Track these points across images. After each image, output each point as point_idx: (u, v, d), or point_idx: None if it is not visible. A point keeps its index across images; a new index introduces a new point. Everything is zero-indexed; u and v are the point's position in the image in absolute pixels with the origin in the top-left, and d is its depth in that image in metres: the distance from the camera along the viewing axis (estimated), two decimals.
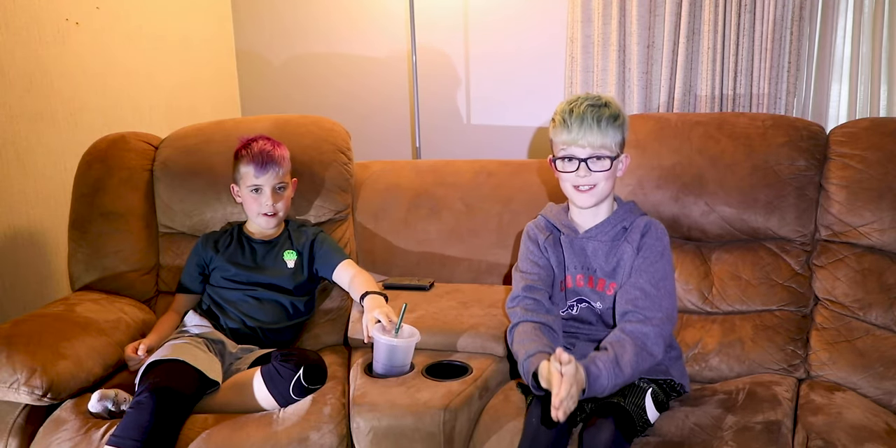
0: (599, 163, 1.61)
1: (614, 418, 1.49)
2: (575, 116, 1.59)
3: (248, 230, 2.04)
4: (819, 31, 2.59)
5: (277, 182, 1.96)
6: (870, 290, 1.89)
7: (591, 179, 1.61)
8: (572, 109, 1.60)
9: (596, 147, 1.59)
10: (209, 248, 2.00)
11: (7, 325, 1.77)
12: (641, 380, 1.65)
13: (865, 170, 1.96)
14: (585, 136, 1.58)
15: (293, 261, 2.00)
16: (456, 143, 3.11)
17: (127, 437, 1.52)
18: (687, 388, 1.76)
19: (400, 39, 3.08)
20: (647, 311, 1.58)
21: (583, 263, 1.71)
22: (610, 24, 2.66)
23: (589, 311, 1.72)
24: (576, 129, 1.58)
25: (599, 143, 1.59)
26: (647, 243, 1.65)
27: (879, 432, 1.53)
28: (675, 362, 1.75)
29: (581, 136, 1.58)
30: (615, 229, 1.69)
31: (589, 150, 1.60)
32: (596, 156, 1.60)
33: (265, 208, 1.95)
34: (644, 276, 1.62)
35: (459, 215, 2.24)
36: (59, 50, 2.39)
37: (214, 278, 1.98)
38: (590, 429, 1.50)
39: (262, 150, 1.95)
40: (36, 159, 2.34)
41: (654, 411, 1.60)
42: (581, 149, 1.60)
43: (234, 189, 2.02)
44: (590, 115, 1.58)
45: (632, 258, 1.66)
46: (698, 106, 2.62)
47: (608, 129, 1.59)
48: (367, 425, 1.61)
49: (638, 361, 1.53)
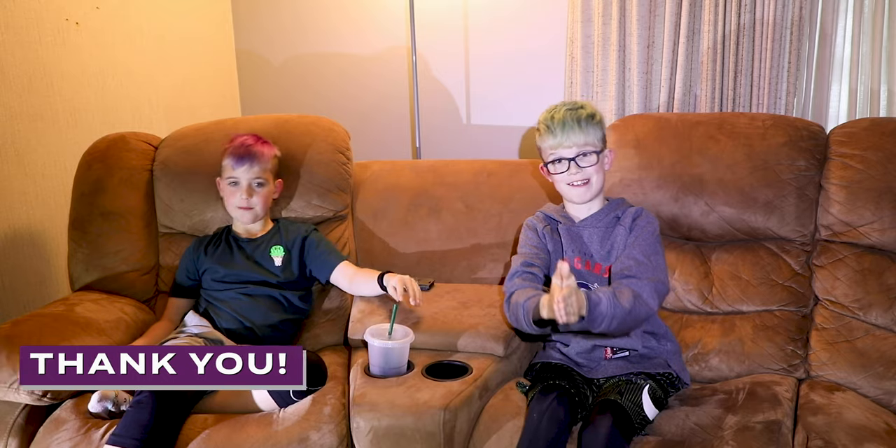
0: (587, 159, 1.75)
1: (613, 416, 1.51)
2: (557, 121, 1.73)
3: (236, 231, 2.05)
4: (819, 32, 2.59)
5: (254, 177, 1.96)
6: (870, 290, 1.89)
7: (582, 175, 1.75)
8: (553, 116, 1.75)
9: (581, 145, 1.74)
10: (200, 251, 2.02)
11: (7, 325, 1.77)
12: (639, 376, 1.68)
13: (865, 170, 1.96)
14: (569, 136, 1.73)
15: (280, 257, 2.00)
16: (456, 143, 3.11)
17: (127, 436, 1.52)
18: (687, 382, 1.79)
19: (400, 39, 3.08)
20: (640, 274, 1.67)
21: (580, 249, 1.81)
22: (610, 24, 2.66)
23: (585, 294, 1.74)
24: (559, 132, 1.73)
25: (583, 142, 1.73)
26: (638, 224, 1.78)
27: (879, 432, 1.53)
28: (674, 356, 1.78)
29: (566, 138, 1.73)
30: (608, 217, 1.82)
31: (575, 149, 1.74)
32: (582, 153, 1.74)
33: (240, 201, 1.97)
34: (636, 249, 1.72)
35: (459, 215, 2.24)
36: (59, 50, 2.39)
37: (206, 282, 1.99)
38: (588, 427, 1.52)
39: (242, 143, 1.98)
40: (36, 159, 2.34)
41: (653, 408, 1.61)
42: (568, 149, 1.74)
43: (219, 182, 2.03)
44: (570, 117, 1.73)
45: (625, 239, 1.77)
46: (698, 106, 2.62)
47: (588, 127, 1.74)
48: (367, 425, 1.61)
49: (635, 305, 1.58)
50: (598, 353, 1.77)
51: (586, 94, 2.75)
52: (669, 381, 1.74)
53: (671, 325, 1.95)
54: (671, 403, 1.73)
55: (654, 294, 1.63)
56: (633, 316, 1.59)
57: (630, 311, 1.57)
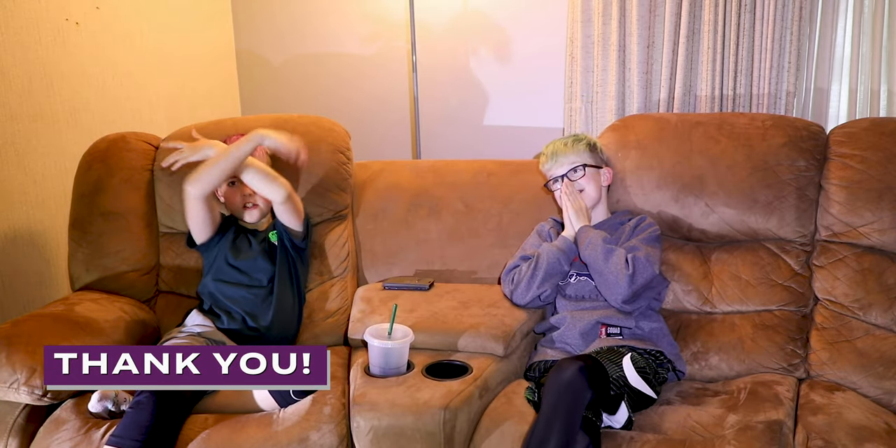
0: (576, 173, 2.02)
1: (584, 363, 1.52)
2: (549, 149, 2.07)
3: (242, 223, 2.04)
4: (819, 31, 2.59)
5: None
6: (870, 290, 1.89)
7: (576, 186, 2.02)
8: (548, 147, 2.08)
9: (569, 163, 2.03)
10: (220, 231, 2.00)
11: (7, 325, 1.77)
12: (624, 347, 1.75)
13: (865, 170, 1.96)
14: (558, 158, 2.04)
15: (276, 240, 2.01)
16: (456, 143, 3.11)
17: (127, 436, 1.52)
18: (683, 370, 1.85)
19: (400, 39, 3.08)
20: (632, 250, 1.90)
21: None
22: (610, 24, 2.66)
23: (586, 284, 1.94)
24: (551, 156, 2.05)
25: (571, 160, 2.03)
26: (641, 228, 1.99)
27: (879, 432, 1.53)
28: (662, 337, 1.86)
29: (555, 160, 2.04)
30: (613, 223, 2.04)
31: (566, 166, 2.03)
32: (572, 169, 2.02)
33: (243, 200, 1.97)
34: (635, 240, 1.93)
35: (459, 215, 2.24)
36: (59, 50, 2.39)
37: (214, 275, 1.98)
38: (554, 368, 1.55)
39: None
40: (36, 159, 2.34)
41: (636, 376, 1.63)
42: (560, 167, 2.04)
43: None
44: (559, 142, 2.07)
45: (627, 238, 1.96)
46: (698, 106, 2.62)
47: (573, 146, 2.05)
48: (368, 425, 1.61)
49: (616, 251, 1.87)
50: (594, 332, 1.85)
51: (586, 94, 2.75)
52: (659, 361, 1.79)
53: (671, 325, 1.96)
54: (672, 400, 1.73)
55: (633, 260, 1.85)
56: (611, 258, 1.85)
57: (610, 250, 1.87)
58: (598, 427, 1.52)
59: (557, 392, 1.48)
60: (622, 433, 1.58)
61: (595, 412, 1.53)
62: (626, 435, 1.57)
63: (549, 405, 1.48)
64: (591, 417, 1.50)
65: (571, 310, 1.91)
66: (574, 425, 1.46)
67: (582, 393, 1.48)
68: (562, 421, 1.45)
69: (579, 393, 1.48)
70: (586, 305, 1.91)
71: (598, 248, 1.88)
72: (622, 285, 1.83)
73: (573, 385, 1.48)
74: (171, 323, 2.03)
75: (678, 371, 1.84)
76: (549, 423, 1.46)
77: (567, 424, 1.45)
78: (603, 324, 1.86)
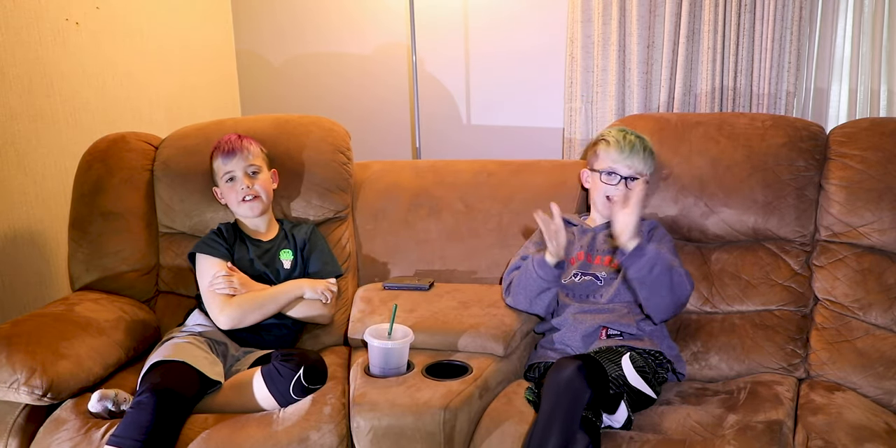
0: (634, 183, 1.94)
1: (582, 363, 1.52)
2: (627, 142, 1.95)
3: (244, 230, 2.02)
4: (819, 31, 2.59)
5: (248, 165, 1.97)
6: (870, 290, 1.89)
7: (622, 193, 1.93)
8: (626, 137, 1.97)
9: (637, 170, 1.95)
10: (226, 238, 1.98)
11: (7, 325, 1.77)
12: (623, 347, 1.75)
13: (865, 170, 1.96)
14: (633, 159, 1.94)
15: (290, 261, 2.00)
16: (456, 143, 3.11)
17: (127, 436, 1.52)
18: (682, 372, 1.85)
19: (400, 39, 3.08)
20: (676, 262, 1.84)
21: (588, 245, 1.97)
22: (610, 24, 2.66)
23: (590, 284, 1.92)
24: (627, 151, 1.94)
25: (639, 169, 1.96)
26: (657, 233, 1.95)
27: (879, 432, 1.53)
28: (661, 339, 1.85)
29: (629, 159, 1.94)
30: None
31: (632, 171, 1.95)
32: (633, 177, 1.95)
33: (242, 193, 1.95)
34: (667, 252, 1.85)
35: (459, 215, 2.24)
36: (59, 50, 2.39)
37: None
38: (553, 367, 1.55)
39: (227, 140, 1.99)
40: (36, 159, 2.34)
41: (635, 375, 1.63)
42: (626, 168, 1.95)
43: (216, 191, 2.02)
44: (639, 144, 1.96)
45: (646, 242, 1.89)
46: (698, 106, 2.62)
47: (648, 159, 1.98)
48: (368, 425, 1.61)
49: (676, 270, 1.77)
50: (595, 334, 1.84)
51: (586, 93, 2.75)
52: (658, 361, 1.79)
53: (671, 325, 1.96)
54: (672, 400, 1.73)
55: (689, 278, 1.80)
56: (672, 277, 1.75)
57: (672, 268, 1.75)
58: (597, 427, 1.52)
59: (556, 391, 1.49)
60: (622, 433, 1.58)
61: (595, 412, 1.53)
62: (625, 435, 1.57)
63: (549, 405, 1.48)
64: (591, 417, 1.50)
65: (574, 312, 1.89)
66: (573, 425, 1.46)
67: (581, 392, 1.48)
68: (561, 420, 1.45)
69: (578, 392, 1.48)
70: (589, 308, 1.88)
71: (666, 273, 1.74)
72: (678, 307, 1.82)
73: (572, 384, 1.48)
74: (171, 323, 2.03)
75: (678, 373, 1.84)
76: (548, 423, 1.46)
77: (566, 424, 1.45)
78: (604, 326, 1.85)
